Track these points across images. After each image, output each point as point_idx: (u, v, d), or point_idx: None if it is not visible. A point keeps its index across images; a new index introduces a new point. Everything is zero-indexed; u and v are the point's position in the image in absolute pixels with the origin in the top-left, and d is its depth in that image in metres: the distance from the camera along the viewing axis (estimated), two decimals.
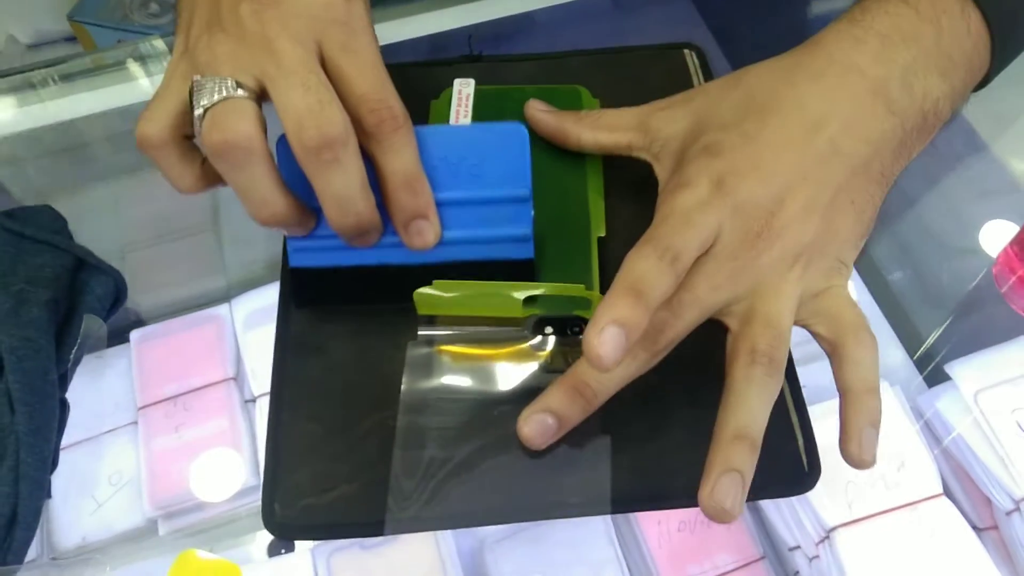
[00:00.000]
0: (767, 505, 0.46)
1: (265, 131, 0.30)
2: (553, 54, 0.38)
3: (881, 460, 0.44)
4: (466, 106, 0.37)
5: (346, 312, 0.34)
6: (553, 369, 0.32)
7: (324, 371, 0.33)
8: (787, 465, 0.30)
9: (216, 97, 0.29)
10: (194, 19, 0.32)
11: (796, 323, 0.31)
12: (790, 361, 0.32)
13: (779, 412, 0.31)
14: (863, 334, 0.31)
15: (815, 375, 0.53)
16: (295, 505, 0.30)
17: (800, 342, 0.55)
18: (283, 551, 0.47)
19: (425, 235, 0.31)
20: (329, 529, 0.30)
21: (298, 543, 0.47)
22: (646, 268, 0.29)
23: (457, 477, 0.30)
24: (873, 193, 0.33)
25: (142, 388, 0.50)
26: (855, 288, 0.55)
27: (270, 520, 0.29)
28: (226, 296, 0.52)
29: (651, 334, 0.30)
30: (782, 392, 0.31)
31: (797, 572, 0.45)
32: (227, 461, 0.48)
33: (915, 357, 0.51)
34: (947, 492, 0.44)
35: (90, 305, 0.37)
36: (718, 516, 0.28)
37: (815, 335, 0.32)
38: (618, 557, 0.45)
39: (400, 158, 0.30)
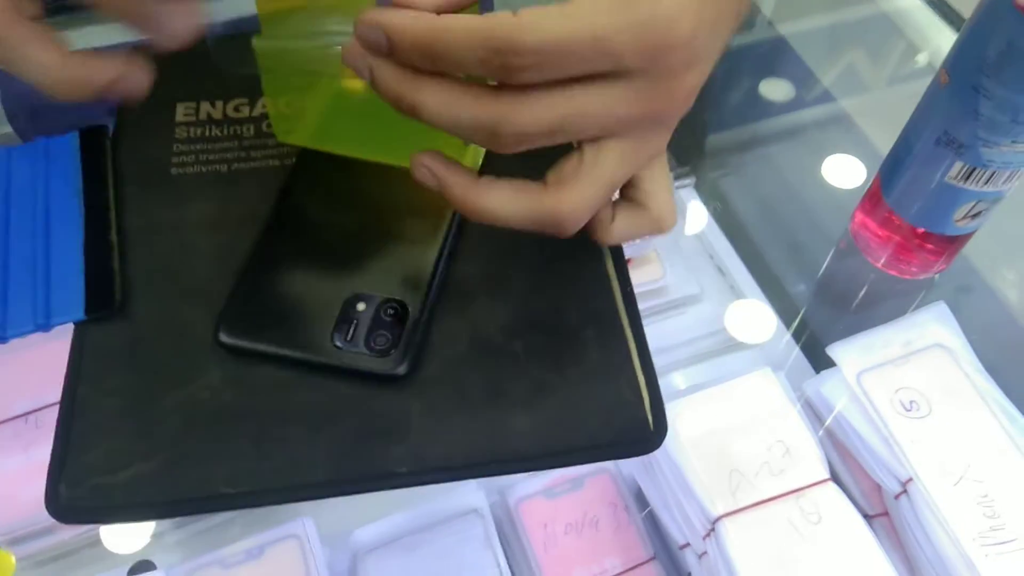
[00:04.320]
0: (656, 503, 0.44)
1: None
2: None
3: (766, 446, 0.42)
4: None
5: (152, 278, 0.32)
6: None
7: (127, 341, 0.30)
8: (632, 425, 0.29)
9: None
10: None
11: None
12: (637, 317, 0.31)
13: (624, 371, 0.30)
14: None
15: (707, 371, 0.52)
16: (83, 485, 0.27)
17: (695, 338, 0.54)
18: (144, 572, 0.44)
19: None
20: (120, 511, 0.27)
21: (159, 563, 0.44)
22: None
23: (264, 454, 0.28)
24: None
25: None
26: (738, 273, 0.54)
27: (53, 503, 0.27)
28: None
29: None
30: (627, 351, 0.30)
31: (689, 573, 0.43)
32: None
33: (803, 344, 0.50)
34: (838, 481, 0.42)
35: None
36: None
37: None
38: (499, 563, 0.42)
39: None
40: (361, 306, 0.30)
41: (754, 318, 0.53)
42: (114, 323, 0.31)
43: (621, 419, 0.29)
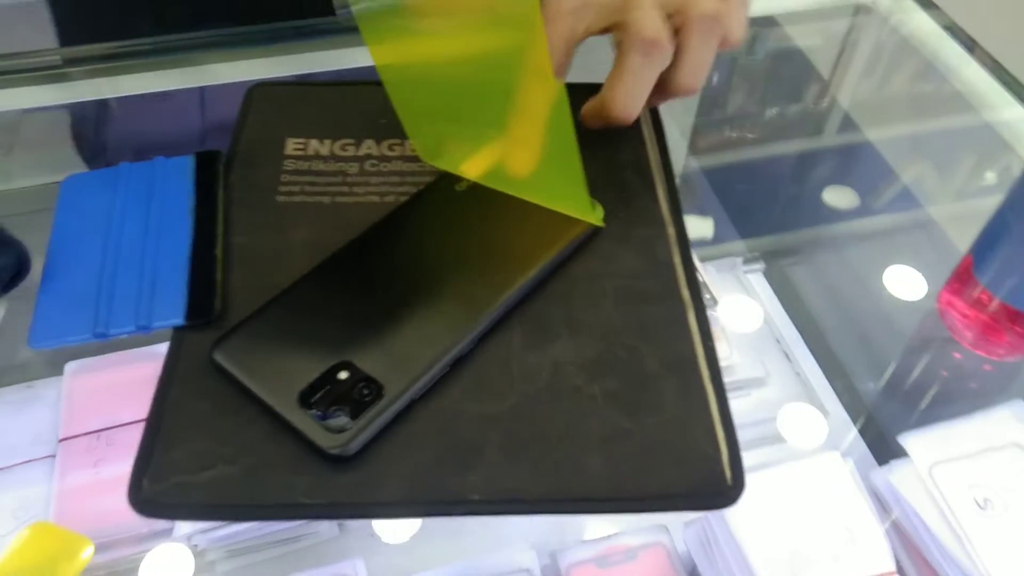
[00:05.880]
0: (706, 572, 0.43)
1: None
2: None
3: (830, 532, 0.41)
4: None
5: (250, 293, 0.33)
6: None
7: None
8: (709, 477, 0.28)
9: None
10: None
11: None
12: (717, 371, 0.31)
13: (702, 422, 0.30)
14: None
15: (770, 455, 0.51)
16: (166, 481, 0.27)
17: (759, 421, 0.54)
18: None
19: None
20: (197, 509, 0.28)
21: None
22: None
23: (343, 469, 0.28)
24: None
25: (67, 420, 0.48)
26: (804, 360, 0.54)
27: (136, 496, 0.27)
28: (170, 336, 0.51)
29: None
30: (706, 402, 0.30)
31: None
32: None
33: (868, 435, 0.49)
34: (902, 574, 0.41)
35: None
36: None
37: None
38: None
39: None
40: (343, 375, 0.30)
41: (818, 408, 0.52)
42: (211, 332, 0.32)
43: (697, 470, 0.29)
